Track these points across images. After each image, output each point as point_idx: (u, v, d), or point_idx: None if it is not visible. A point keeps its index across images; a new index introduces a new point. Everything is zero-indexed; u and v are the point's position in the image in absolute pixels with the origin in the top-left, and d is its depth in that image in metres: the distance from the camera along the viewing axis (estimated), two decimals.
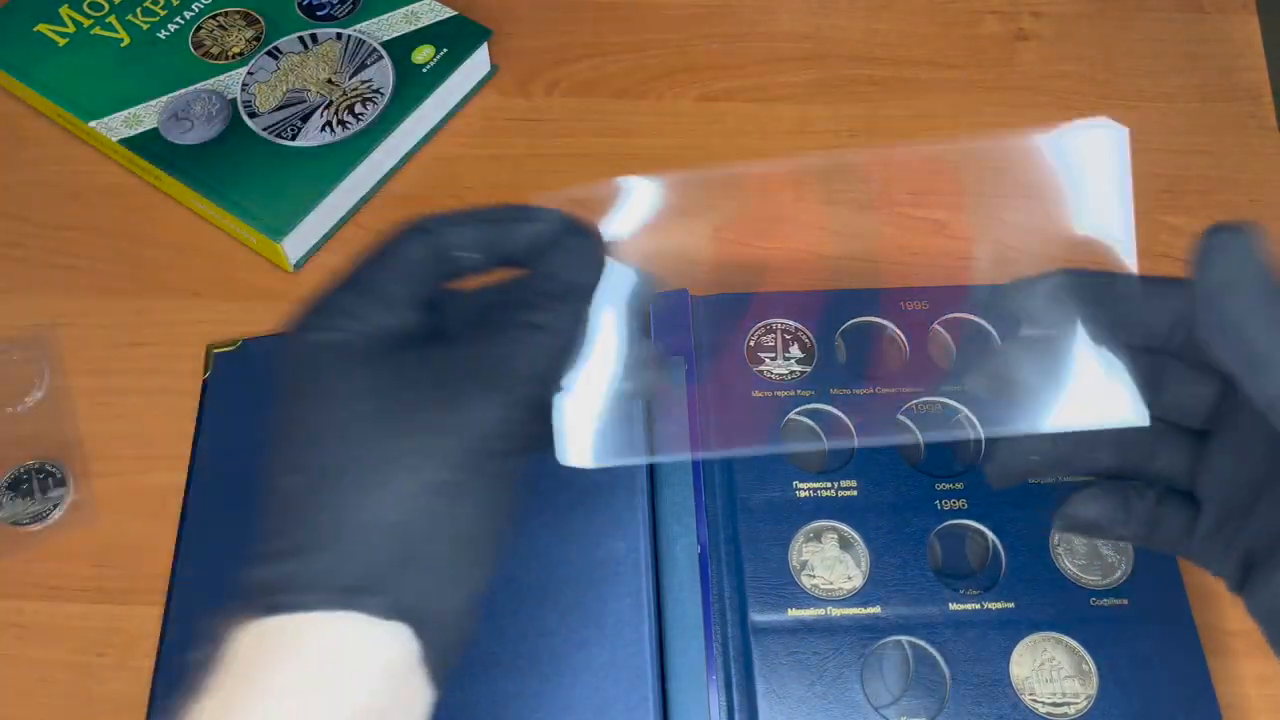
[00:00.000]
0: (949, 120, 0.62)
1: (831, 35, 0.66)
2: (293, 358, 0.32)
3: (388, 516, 0.29)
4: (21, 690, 0.47)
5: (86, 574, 0.49)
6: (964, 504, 0.47)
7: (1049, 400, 0.32)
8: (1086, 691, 0.43)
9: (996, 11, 0.66)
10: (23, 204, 0.60)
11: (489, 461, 0.30)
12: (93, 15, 0.63)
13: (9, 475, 0.51)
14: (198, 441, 0.51)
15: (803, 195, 0.59)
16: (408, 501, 0.29)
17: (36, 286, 0.57)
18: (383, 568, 0.29)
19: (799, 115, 0.62)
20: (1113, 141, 0.33)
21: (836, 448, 0.49)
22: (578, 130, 0.62)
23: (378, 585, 0.29)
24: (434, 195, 0.60)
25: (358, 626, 0.29)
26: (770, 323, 0.52)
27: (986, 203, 0.48)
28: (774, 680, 0.44)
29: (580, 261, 0.33)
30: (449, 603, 0.30)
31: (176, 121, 0.59)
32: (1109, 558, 0.46)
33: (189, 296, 0.57)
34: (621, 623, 0.44)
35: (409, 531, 0.29)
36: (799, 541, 0.47)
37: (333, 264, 0.57)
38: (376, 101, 0.59)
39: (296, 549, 0.29)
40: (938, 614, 0.45)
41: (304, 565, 0.29)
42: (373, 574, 0.29)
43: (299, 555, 0.29)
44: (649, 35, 0.66)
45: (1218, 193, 0.59)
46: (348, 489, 0.29)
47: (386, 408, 0.30)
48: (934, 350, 0.51)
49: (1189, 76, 0.63)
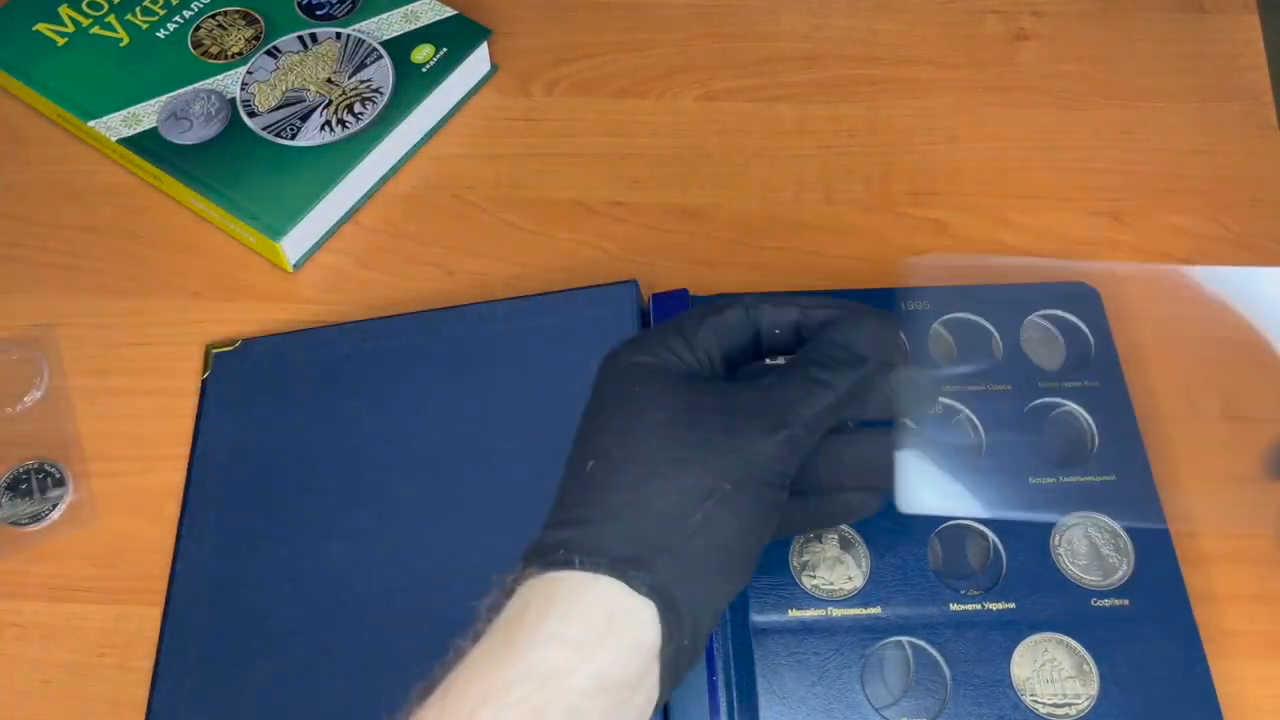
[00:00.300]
0: (949, 120, 0.62)
1: (831, 35, 0.66)
2: (610, 370, 0.38)
3: (665, 508, 0.33)
4: (21, 690, 0.47)
5: (85, 574, 0.49)
6: None
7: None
8: (1088, 692, 0.43)
9: (996, 11, 0.66)
10: (22, 204, 0.60)
11: (759, 487, 0.34)
12: (92, 15, 0.63)
13: (8, 475, 0.51)
14: (197, 441, 0.51)
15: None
16: (684, 499, 0.33)
17: (35, 286, 0.57)
18: (650, 549, 0.33)
19: (799, 115, 0.62)
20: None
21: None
22: (578, 130, 0.62)
23: (643, 562, 0.33)
24: (433, 195, 0.60)
25: (618, 592, 0.32)
26: None
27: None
28: (774, 680, 0.44)
29: (872, 338, 0.38)
30: (696, 598, 0.33)
31: (176, 121, 0.59)
32: (1110, 558, 0.46)
33: (188, 296, 0.57)
34: None
35: (680, 525, 0.33)
36: (799, 541, 0.47)
37: (332, 263, 0.58)
38: (376, 101, 0.59)
39: (586, 519, 0.34)
40: (938, 614, 0.45)
41: (589, 533, 0.33)
42: (641, 552, 0.33)
43: (587, 524, 0.34)
44: (649, 35, 0.66)
45: (1218, 193, 0.59)
46: (636, 477, 0.34)
47: (680, 419, 0.35)
48: (934, 350, 0.51)
49: (1189, 76, 0.63)
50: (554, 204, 0.59)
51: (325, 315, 0.56)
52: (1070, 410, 0.50)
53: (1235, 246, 0.57)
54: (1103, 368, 0.51)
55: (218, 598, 0.47)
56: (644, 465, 0.34)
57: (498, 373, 0.51)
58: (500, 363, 0.51)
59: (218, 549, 0.48)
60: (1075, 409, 0.50)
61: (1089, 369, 0.51)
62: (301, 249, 0.57)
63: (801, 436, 0.35)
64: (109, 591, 0.49)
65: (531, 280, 0.56)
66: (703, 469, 0.34)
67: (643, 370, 0.37)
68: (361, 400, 0.51)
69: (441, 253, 0.58)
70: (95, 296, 0.57)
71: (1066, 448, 0.49)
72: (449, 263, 0.57)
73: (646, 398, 0.36)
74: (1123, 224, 0.58)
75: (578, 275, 0.56)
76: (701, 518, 0.33)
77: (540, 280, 0.56)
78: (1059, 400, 0.50)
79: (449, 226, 0.59)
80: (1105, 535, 0.47)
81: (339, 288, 0.57)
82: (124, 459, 0.52)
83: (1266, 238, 0.57)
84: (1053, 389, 0.50)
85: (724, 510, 0.34)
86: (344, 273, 0.57)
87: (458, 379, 0.51)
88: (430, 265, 0.57)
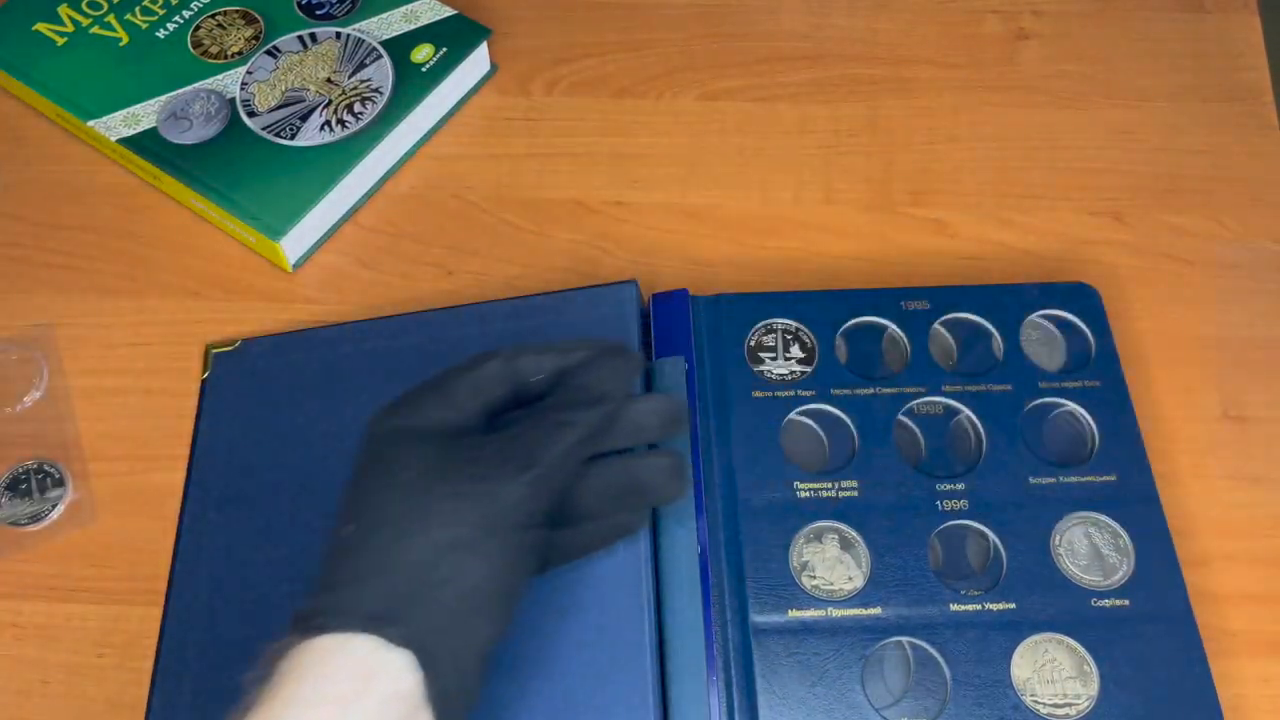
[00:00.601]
0: (949, 120, 0.62)
1: (831, 35, 0.65)
2: (369, 435, 0.39)
3: (415, 562, 0.35)
4: (21, 690, 0.47)
5: (85, 574, 0.49)
6: (965, 504, 0.47)
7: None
8: (1088, 692, 0.43)
9: (997, 11, 0.66)
10: (21, 203, 0.60)
11: (508, 530, 0.36)
12: (91, 14, 0.63)
13: (7, 475, 0.51)
14: (196, 441, 0.51)
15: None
16: (433, 552, 0.35)
17: (35, 286, 0.57)
18: (401, 601, 0.34)
19: (799, 115, 0.62)
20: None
21: (837, 448, 0.49)
22: (578, 130, 0.62)
23: (395, 616, 0.34)
24: (433, 194, 0.60)
25: (373, 648, 0.33)
26: (770, 323, 0.52)
27: None
28: (774, 681, 0.44)
29: (614, 375, 0.40)
30: (455, 645, 0.35)
31: (175, 121, 0.59)
32: (1110, 558, 0.46)
33: (188, 296, 0.57)
34: (621, 623, 0.44)
35: (429, 576, 0.35)
36: (799, 542, 0.47)
37: (332, 263, 0.58)
38: (376, 101, 0.59)
39: (341, 583, 0.35)
40: (939, 615, 0.45)
41: (343, 596, 0.35)
42: (393, 607, 0.34)
43: (341, 588, 0.35)
44: (649, 35, 0.66)
45: (1218, 193, 0.59)
46: (386, 537, 0.36)
47: (431, 475, 0.37)
48: (934, 350, 0.51)
49: (1189, 76, 0.63)
50: (554, 204, 0.59)
51: (325, 315, 0.56)
52: (1070, 410, 0.50)
53: (1235, 246, 0.57)
54: (1103, 368, 0.51)
55: (218, 598, 0.47)
56: (395, 524, 0.36)
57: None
58: None
59: (218, 549, 0.48)
60: (1075, 409, 0.50)
61: (1089, 369, 0.51)
62: (301, 249, 0.57)
63: (548, 475, 0.37)
64: (109, 591, 0.49)
65: (531, 280, 0.56)
66: (451, 520, 0.36)
67: (396, 433, 0.38)
68: (361, 400, 0.51)
69: (441, 253, 0.58)
70: (95, 296, 0.57)
71: (1066, 448, 0.49)
72: (449, 263, 0.57)
73: (399, 458, 0.37)
74: (1123, 224, 0.58)
75: (578, 275, 0.56)
76: (450, 567, 0.35)
77: (540, 280, 0.56)
78: (1059, 400, 0.50)
79: (449, 226, 0.59)
80: (1105, 535, 0.47)
81: (339, 288, 0.57)
82: (124, 459, 0.52)
83: (1266, 237, 0.57)
84: (1053, 389, 0.50)
85: (472, 557, 0.35)
86: (344, 273, 0.57)
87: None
88: (430, 265, 0.57)
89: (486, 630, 0.36)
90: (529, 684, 0.43)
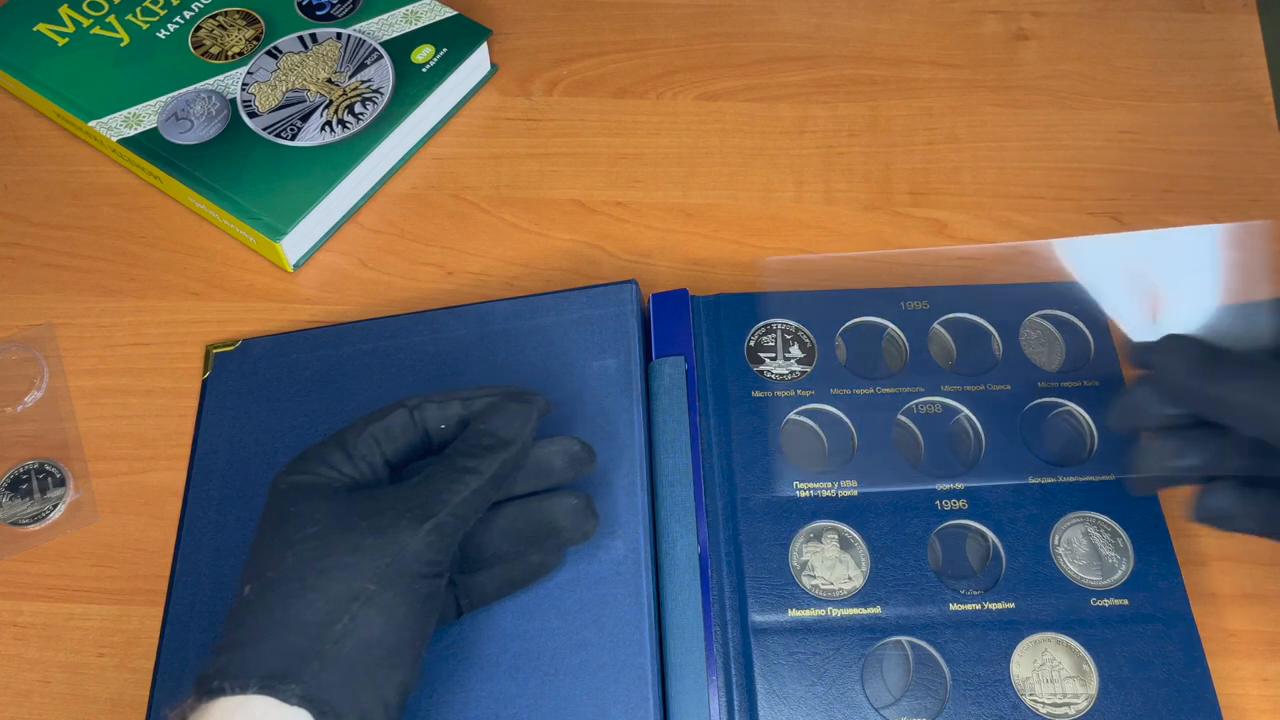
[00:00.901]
0: (949, 120, 0.62)
1: (831, 35, 0.66)
2: (272, 493, 0.39)
3: (313, 618, 0.35)
4: (21, 690, 0.47)
5: (86, 574, 0.49)
6: (964, 504, 0.47)
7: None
8: (1087, 692, 0.43)
9: (997, 11, 0.66)
10: (22, 203, 0.60)
11: (409, 580, 0.36)
12: (92, 15, 0.63)
13: (8, 475, 0.51)
14: (197, 441, 0.51)
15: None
16: (331, 607, 0.35)
17: (35, 286, 0.57)
18: (298, 659, 0.34)
19: (799, 115, 0.62)
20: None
21: (837, 448, 0.49)
22: (578, 130, 0.62)
23: (291, 674, 0.34)
24: (433, 195, 0.60)
25: (270, 708, 0.33)
26: (770, 323, 0.52)
27: None
28: (774, 681, 0.44)
29: (513, 422, 0.40)
30: (356, 696, 0.35)
31: (176, 121, 0.59)
32: (1110, 558, 0.46)
33: (188, 296, 0.57)
34: (621, 623, 0.44)
35: (327, 632, 0.35)
36: (799, 542, 0.47)
37: (332, 263, 0.58)
38: (376, 101, 0.59)
39: (239, 643, 0.35)
40: (938, 614, 0.45)
41: (240, 656, 0.35)
42: (290, 665, 0.34)
43: (240, 648, 0.35)
44: (649, 35, 0.66)
45: (1218, 193, 0.59)
46: (284, 594, 0.35)
47: (330, 530, 0.37)
48: (934, 350, 0.51)
49: (1189, 76, 0.63)
50: (554, 204, 0.59)
51: (325, 315, 0.56)
52: (1070, 410, 0.50)
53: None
54: (1102, 368, 0.51)
55: (218, 598, 0.47)
56: (294, 580, 0.36)
57: (498, 373, 0.51)
58: (500, 363, 0.51)
59: (218, 549, 0.48)
60: (1075, 409, 0.50)
61: (1089, 369, 0.51)
62: (302, 249, 0.57)
63: (450, 523, 0.37)
64: (109, 591, 0.49)
65: (531, 280, 0.56)
66: (350, 573, 0.36)
67: (297, 489, 0.38)
68: (361, 400, 0.51)
69: (441, 253, 0.58)
70: (95, 296, 0.57)
71: (1065, 448, 0.49)
72: (449, 263, 0.57)
73: (300, 515, 0.37)
74: (1123, 224, 0.58)
75: (578, 275, 0.57)
76: (348, 621, 0.35)
77: (540, 280, 0.56)
78: (1059, 400, 0.50)
79: (449, 226, 0.59)
80: (1105, 535, 0.47)
81: (339, 288, 0.57)
82: (124, 459, 0.52)
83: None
84: (1052, 389, 0.50)
85: (370, 610, 0.35)
86: (344, 273, 0.57)
87: (458, 379, 0.51)
88: (430, 265, 0.57)
89: (393, 680, 0.36)
90: (528, 684, 0.43)
